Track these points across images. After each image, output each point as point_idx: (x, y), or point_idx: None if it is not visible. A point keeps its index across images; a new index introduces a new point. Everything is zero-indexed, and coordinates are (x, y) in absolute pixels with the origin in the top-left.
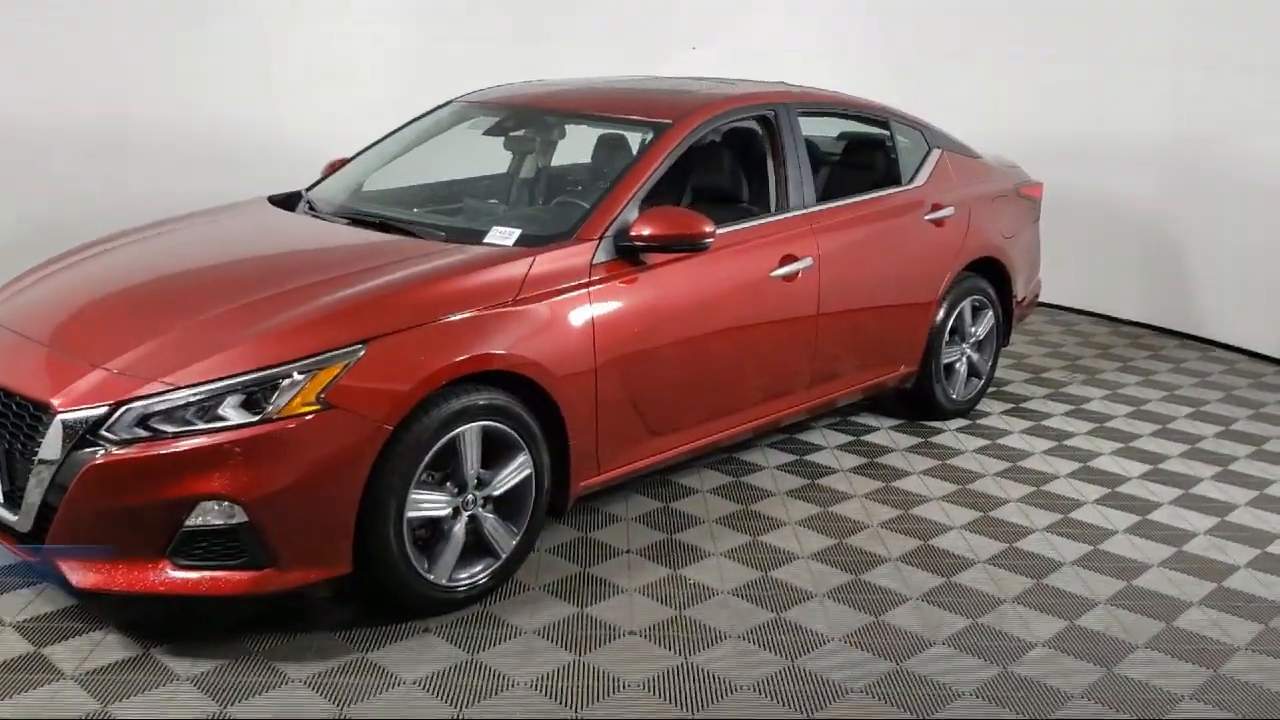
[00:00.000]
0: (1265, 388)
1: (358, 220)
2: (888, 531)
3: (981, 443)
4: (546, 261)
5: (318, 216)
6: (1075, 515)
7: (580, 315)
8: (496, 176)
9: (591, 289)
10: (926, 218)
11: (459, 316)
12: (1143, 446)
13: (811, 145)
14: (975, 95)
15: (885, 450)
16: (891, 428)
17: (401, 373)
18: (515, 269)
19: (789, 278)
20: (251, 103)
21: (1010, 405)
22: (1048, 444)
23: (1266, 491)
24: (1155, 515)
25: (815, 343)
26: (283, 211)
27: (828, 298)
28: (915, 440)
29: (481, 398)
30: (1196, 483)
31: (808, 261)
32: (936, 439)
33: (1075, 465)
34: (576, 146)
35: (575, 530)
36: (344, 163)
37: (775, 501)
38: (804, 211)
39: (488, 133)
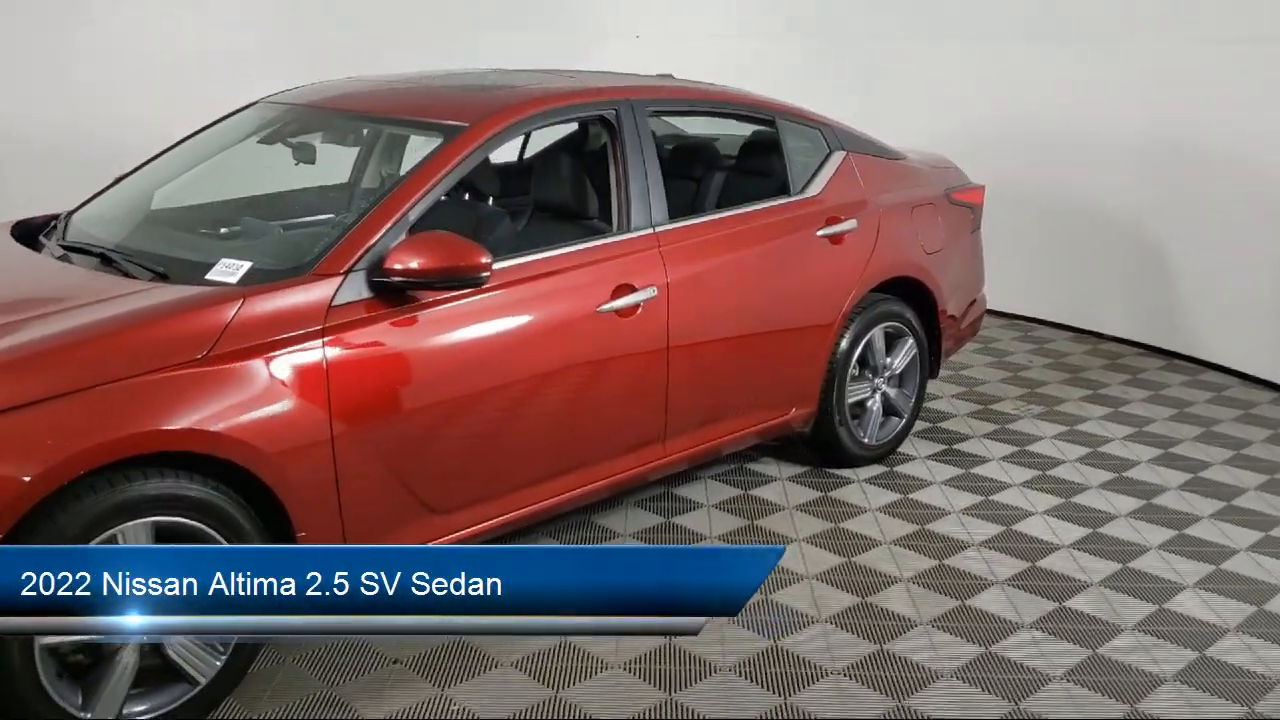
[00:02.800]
0: (1253, 421)
1: (80, 251)
2: (730, 625)
3: (891, 498)
4: (261, 304)
5: (47, 251)
6: (974, 602)
7: (309, 372)
8: (324, 189)
9: (328, 338)
10: (819, 233)
11: (120, 382)
12: (1085, 503)
13: (709, 150)
14: (938, 81)
15: (773, 509)
16: (790, 478)
17: (20, 461)
18: (213, 317)
19: (624, 312)
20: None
21: (941, 447)
22: (970, 499)
23: (1223, 567)
24: (1075, 601)
25: (667, 387)
26: (7, 244)
27: (680, 333)
28: (812, 495)
29: (150, 487)
30: (1141, 553)
31: (651, 292)
32: (837, 493)
33: (996, 529)
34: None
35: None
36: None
37: None
38: (649, 231)
39: (264, 140)
